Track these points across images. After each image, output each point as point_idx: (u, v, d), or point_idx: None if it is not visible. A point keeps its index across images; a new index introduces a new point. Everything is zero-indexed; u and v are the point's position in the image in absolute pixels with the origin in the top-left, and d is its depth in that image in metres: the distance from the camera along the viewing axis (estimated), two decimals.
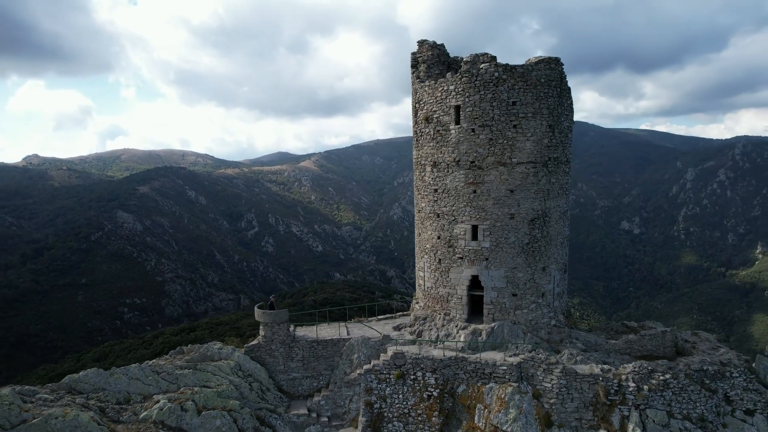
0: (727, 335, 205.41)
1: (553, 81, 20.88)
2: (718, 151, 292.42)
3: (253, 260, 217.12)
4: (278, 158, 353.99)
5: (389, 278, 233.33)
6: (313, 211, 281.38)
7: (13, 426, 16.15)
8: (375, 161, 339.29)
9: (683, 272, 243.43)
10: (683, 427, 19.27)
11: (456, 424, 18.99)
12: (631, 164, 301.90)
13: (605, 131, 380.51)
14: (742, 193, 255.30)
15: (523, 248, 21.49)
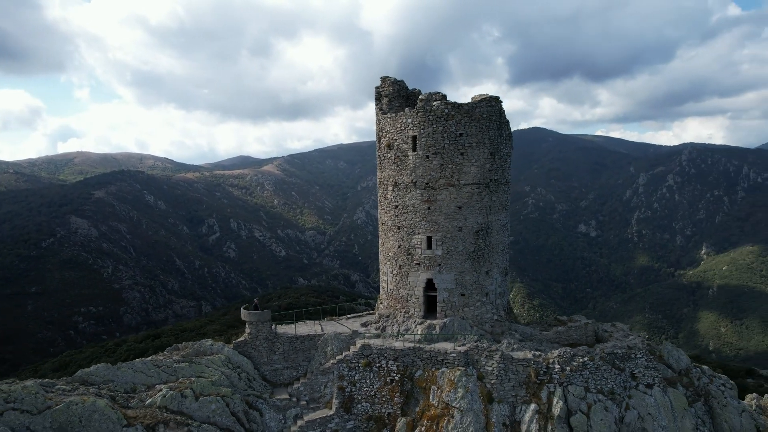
0: (676, 332, 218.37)
1: (493, 116, 25.15)
2: (666, 157, 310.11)
3: (214, 266, 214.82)
4: (240, 162, 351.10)
5: (353, 282, 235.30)
6: (276, 215, 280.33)
7: (39, 411, 19.09)
8: (339, 165, 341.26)
9: (636, 273, 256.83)
10: (597, 399, 23.87)
11: (414, 403, 22.94)
12: (587, 169, 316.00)
13: (563, 137, 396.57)
14: (688, 197, 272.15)
15: (469, 255, 25.55)
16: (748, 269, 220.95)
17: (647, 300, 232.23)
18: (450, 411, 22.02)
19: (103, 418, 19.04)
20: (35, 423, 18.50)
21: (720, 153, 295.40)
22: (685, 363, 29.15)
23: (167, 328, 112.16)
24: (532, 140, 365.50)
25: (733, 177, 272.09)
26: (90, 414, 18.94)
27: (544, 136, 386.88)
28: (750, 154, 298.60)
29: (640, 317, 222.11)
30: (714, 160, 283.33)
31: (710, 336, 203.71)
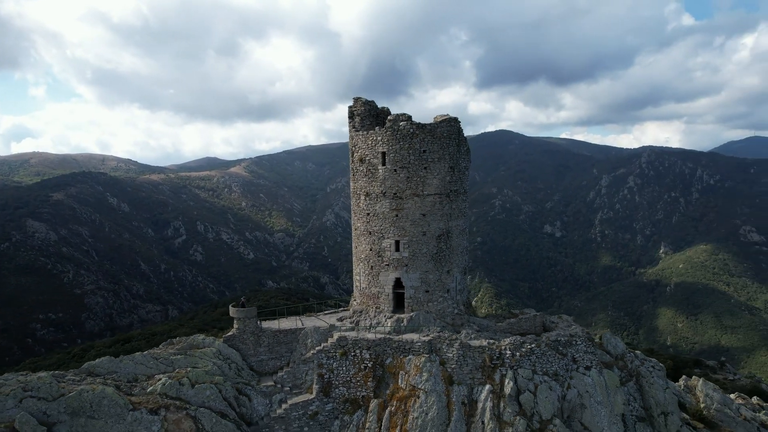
0: (637, 328, 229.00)
1: (452, 135, 28.85)
2: (627, 159, 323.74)
3: (180, 269, 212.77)
4: (207, 164, 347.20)
5: (323, 285, 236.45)
6: (244, 217, 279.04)
7: (54, 398, 21.70)
8: (307, 167, 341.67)
9: (600, 272, 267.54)
10: (542, 380, 27.85)
11: (385, 386, 26.32)
12: (552, 171, 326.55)
13: (529, 140, 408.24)
14: (647, 198, 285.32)
15: (432, 257, 29.12)
16: (702, 267, 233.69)
17: (610, 298, 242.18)
18: (416, 392, 25.56)
19: (112, 403, 21.80)
20: (51, 408, 21.16)
21: (676, 156, 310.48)
22: (621, 349, 33.70)
23: (136, 332, 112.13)
24: (499, 143, 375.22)
25: (688, 179, 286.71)
26: (99, 400, 21.69)
27: (510, 138, 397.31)
28: (703, 157, 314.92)
29: (603, 315, 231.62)
30: (671, 162, 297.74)
31: (668, 331, 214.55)
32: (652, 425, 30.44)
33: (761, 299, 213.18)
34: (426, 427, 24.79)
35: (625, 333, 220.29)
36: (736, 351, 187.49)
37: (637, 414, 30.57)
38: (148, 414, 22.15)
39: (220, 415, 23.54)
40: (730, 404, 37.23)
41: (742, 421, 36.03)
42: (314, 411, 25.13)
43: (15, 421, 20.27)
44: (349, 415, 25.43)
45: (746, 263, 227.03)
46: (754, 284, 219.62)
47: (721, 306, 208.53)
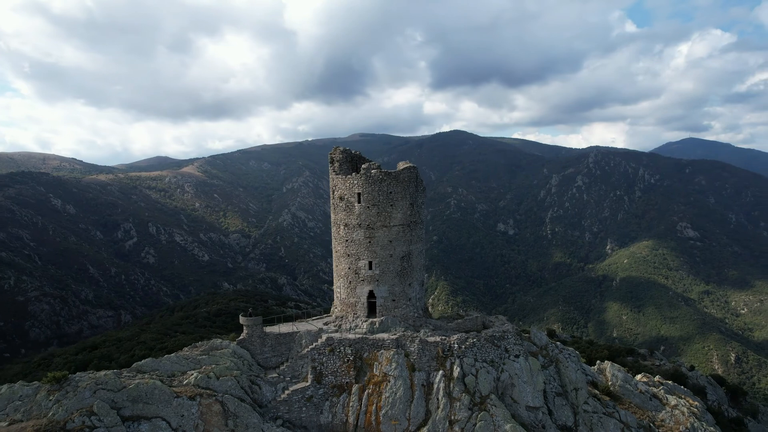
0: (586, 322, 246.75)
1: (411, 178, 37.88)
2: (576, 159, 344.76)
3: (132, 273, 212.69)
4: (158, 163, 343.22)
5: (281, 286, 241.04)
6: (198, 218, 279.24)
7: (118, 390, 29.36)
8: (263, 167, 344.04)
9: (551, 268, 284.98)
10: (482, 366, 37.42)
11: (363, 374, 35.04)
12: (505, 170, 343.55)
13: (482, 140, 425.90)
14: (595, 196, 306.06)
15: (398, 273, 38.06)
16: (644, 262, 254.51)
17: (561, 293, 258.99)
18: (387, 378, 34.52)
19: (161, 392, 29.71)
20: (117, 397, 28.93)
21: (621, 156, 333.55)
22: (545, 341, 44.09)
23: (99, 338, 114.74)
24: (453, 143, 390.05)
25: (631, 178, 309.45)
26: (152, 390, 29.58)
27: (464, 138, 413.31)
28: (645, 157, 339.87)
29: (554, 310, 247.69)
30: (616, 162, 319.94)
31: (614, 324, 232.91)
32: (566, 398, 40.94)
33: (695, 291, 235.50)
34: (396, 404, 33.97)
35: (575, 327, 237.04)
36: (675, 340, 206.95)
37: (556, 390, 40.98)
38: (188, 400, 30.16)
39: (239, 399, 31.79)
40: (631, 381, 48.56)
41: (638, 393, 47.41)
42: (310, 395, 33.65)
43: (93, 406, 28.06)
44: (336, 397, 34.16)
45: (683, 257, 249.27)
46: (689, 277, 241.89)
47: (662, 298, 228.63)
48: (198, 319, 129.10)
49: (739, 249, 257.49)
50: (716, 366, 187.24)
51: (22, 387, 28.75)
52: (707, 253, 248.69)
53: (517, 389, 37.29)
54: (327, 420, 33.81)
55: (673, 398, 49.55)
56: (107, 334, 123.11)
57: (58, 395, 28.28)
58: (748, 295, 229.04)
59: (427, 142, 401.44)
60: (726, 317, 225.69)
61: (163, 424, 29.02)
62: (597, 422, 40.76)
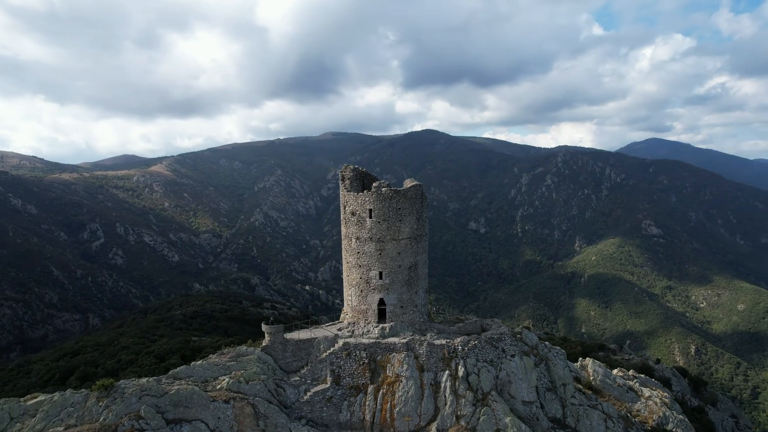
0: (556, 318, 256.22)
1: (418, 195, 41.73)
2: (545, 159, 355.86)
3: (99, 274, 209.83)
4: (125, 162, 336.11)
5: (253, 286, 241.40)
6: (168, 218, 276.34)
7: (161, 395, 32.25)
8: (234, 165, 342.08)
9: (521, 266, 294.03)
10: (483, 365, 41.66)
11: (377, 376, 38.76)
12: (476, 170, 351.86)
13: (454, 139, 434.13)
14: (563, 195, 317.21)
15: (405, 282, 41.91)
16: (611, 259, 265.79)
17: (531, 290, 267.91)
18: (400, 378, 38.35)
19: (199, 396, 32.73)
20: (160, 402, 31.85)
21: (588, 156, 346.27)
22: (535, 341, 48.76)
23: (77, 344, 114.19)
24: (425, 142, 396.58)
25: (598, 177, 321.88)
26: (191, 395, 32.59)
27: (437, 138, 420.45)
28: (611, 157, 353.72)
29: (525, 307, 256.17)
30: (584, 162, 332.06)
31: (583, 319, 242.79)
32: (555, 393, 45.69)
33: (659, 286, 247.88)
34: (408, 402, 37.87)
35: (545, 323, 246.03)
36: (640, 334, 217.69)
37: (546, 386, 45.68)
38: (223, 403, 33.27)
39: (267, 401, 35.07)
40: (610, 376, 53.87)
41: (617, 387, 52.73)
42: (330, 396, 37.14)
43: (141, 410, 30.96)
44: (354, 397, 37.75)
45: (647, 254, 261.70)
46: (653, 273, 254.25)
47: (628, 294, 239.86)
48: (174, 322, 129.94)
49: (699, 246, 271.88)
50: (678, 358, 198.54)
51: (73, 395, 31.37)
52: (669, 250, 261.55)
53: (513, 386, 41.70)
54: (346, 418, 37.46)
55: (647, 390, 55.17)
56: (84, 339, 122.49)
57: (107, 401, 31.06)
58: (707, 290, 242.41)
59: (400, 142, 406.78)
60: (687, 311, 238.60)
61: (202, 426, 32.15)
62: (583, 414, 45.68)
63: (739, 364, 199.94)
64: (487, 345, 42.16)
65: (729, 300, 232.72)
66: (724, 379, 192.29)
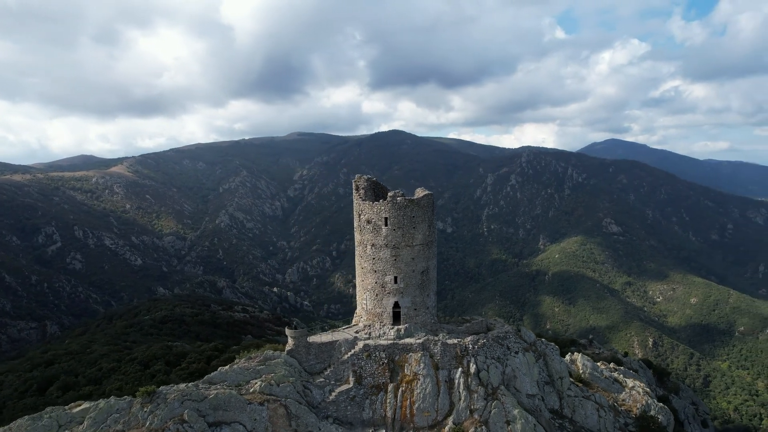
0: (521, 315, 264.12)
1: (429, 204, 44.52)
2: (509, 159, 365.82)
3: (56, 280, 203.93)
4: (82, 162, 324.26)
5: (220, 289, 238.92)
6: (129, 221, 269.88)
7: (201, 400, 33.82)
8: (197, 166, 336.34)
9: (488, 264, 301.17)
10: (491, 362, 44.89)
11: (396, 375, 41.31)
12: (442, 170, 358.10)
13: (420, 140, 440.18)
14: (528, 194, 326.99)
15: (418, 286, 44.69)
16: (574, 256, 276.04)
17: (497, 288, 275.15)
18: (417, 377, 41.15)
19: (237, 400, 34.55)
20: (201, 406, 33.50)
21: (551, 156, 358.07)
22: (533, 338, 52.52)
23: (46, 354, 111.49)
24: (392, 142, 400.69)
25: (561, 177, 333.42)
26: (229, 398, 34.38)
27: (403, 138, 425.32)
28: (573, 157, 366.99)
29: (492, 305, 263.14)
30: (546, 162, 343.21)
31: (548, 316, 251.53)
32: (553, 386, 49.55)
33: (619, 282, 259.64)
34: (426, 398, 40.74)
35: (511, 320, 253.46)
36: (602, 329, 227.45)
37: (544, 380, 49.46)
38: (258, 405, 35.18)
39: (297, 402, 37.21)
40: (597, 369, 58.31)
41: (604, 379, 57.17)
42: (353, 395, 39.52)
43: (184, 414, 32.63)
44: (375, 396, 40.26)
45: (608, 251, 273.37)
46: (613, 270, 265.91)
47: (590, 290, 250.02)
48: (144, 327, 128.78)
49: (655, 243, 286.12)
50: (637, 351, 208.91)
51: (117, 401, 32.72)
52: (629, 247, 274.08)
53: (518, 380, 45.22)
54: (368, 416, 40.02)
55: (630, 381, 59.95)
56: (54, 348, 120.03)
57: (150, 407, 32.60)
58: (663, 285, 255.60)
59: (366, 142, 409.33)
60: (645, 305, 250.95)
61: (240, 428, 34.11)
62: (578, 405, 49.75)
63: (692, 355, 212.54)
64: (494, 343, 45.55)
65: (683, 294, 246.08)
66: (678, 369, 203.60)
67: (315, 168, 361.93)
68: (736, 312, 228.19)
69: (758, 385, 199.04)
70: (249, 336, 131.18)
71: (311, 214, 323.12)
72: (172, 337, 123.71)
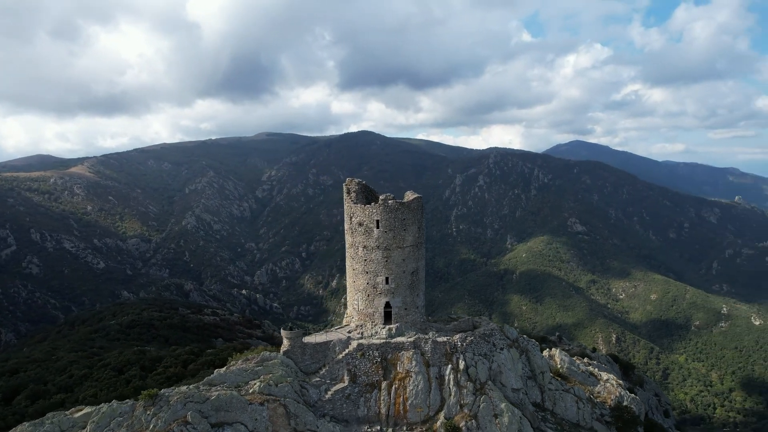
0: (490, 314, 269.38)
1: (419, 207, 46.12)
2: (477, 160, 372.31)
3: (12, 285, 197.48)
4: (39, 162, 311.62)
5: (187, 292, 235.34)
6: (91, 223, 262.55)
7: (203, 401, 34.38)
8: (163, 167, 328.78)
9: (457, 264, 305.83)
10: (479, 358, 46.84)
11: (389, 373, 42.65)
12: (412, 171, 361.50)
13: (390, 140, 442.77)
14: (495, 195, 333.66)
15: (408, 286, 46.19)
16: (540, 255, 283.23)
17: (466, 288, 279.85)
18: (409, 374, 42.63)
19: (237, 401, 35.23)
20: (203, 407, 34.07)
21: (518, 157, 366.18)
22: (515, 335, 54.76)
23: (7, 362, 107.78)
24: (362, 143, 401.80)
25: (527, 178, 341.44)
26: (230, 399, 35.04)
27: (372, 139, 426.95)
28: (539, 158, 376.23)
29: (461, 304, 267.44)
30: (513, 163, 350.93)
31: (516, 314, 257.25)
32: (535, 380, 51.89)
33: (584, 280, 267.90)
34: (418, 394, 42.30)
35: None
36: (568, 326, 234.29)
37: (527, 374, 51.74)
38: (258, 405, 35.95)
39: (295, 401, 38.20)
40: (574, 363, 61.10)
41: (580, 372, 59.99)
42: (348, 393, 40.68)
43: (188, 416, 33.19)
44: (369, 393, 41.52)
45: (573, 250, 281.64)
46: (578, 268, 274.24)
47: (556, 289, 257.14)
48: (110, 333, 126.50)
49: (618, 241, 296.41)
50: (601, 346, 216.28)
51: (120, 405, 33.02)
52: (593, 246, 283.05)
53: (504, 375, 47.29)
54: (363, 413, 41.31)
55: (605, 374, 63.02)
56: (16, 356, 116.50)
57: (154, 410, 33.06)
58: (626, 282, 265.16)
59: (336, 143, 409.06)
60: (608, 303, 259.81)
61: (242, 428, 34.88)
62: (559, 398, 52.25)
63: (653, 349, 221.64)
64: (481, 340, 47.49)
65: (644, 291, 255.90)
66: (639, 363, 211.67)
67: (284, 169, 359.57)
68: (692, 307, 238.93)
69: (712, 376, 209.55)
70: (220, 339, 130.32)
71: (280, 215, 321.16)
72: (141, 341, 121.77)
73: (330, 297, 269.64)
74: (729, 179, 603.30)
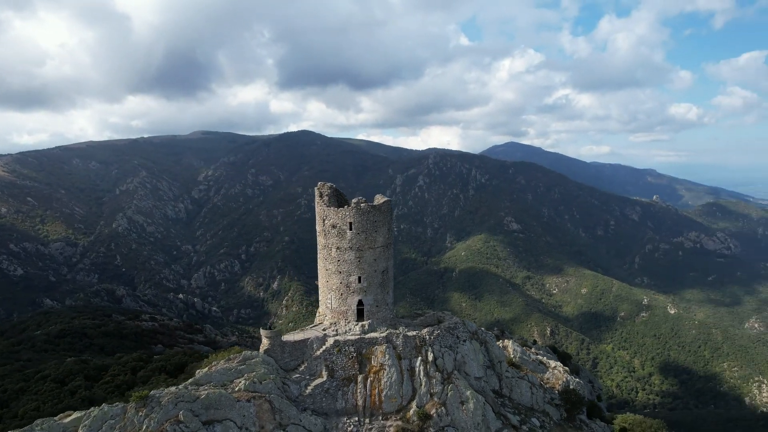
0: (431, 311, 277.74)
1: (389, 209, 48.94)
2: (417, 160, 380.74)
3: None
4: None
5: (119, 297, 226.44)
6: (6, 226, 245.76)
7: (194, 400, 35.57)
8: (90, 166, 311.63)
9: (398, 263, 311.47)
10: (445, 350, 50.40)
11: (364, 367, 45.19)
12: (353, 171, 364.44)
13: (330, 140, 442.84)
14: (435, 195, 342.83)
15: (379, 285, 48.99)
16: (479, 253, 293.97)
17: (408, 286, 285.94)
18: (383, 367, 45.46)
19: (226, 399, 36.64)
20: (194, 406, 35.29)
21: (456, 158, 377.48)
22: (474, 327, 58.94)
23: None
24: (302, 143, 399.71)
25: (465, 178, 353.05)
26: (219, 398, 36.42)
27: (313, 139, 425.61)
28: (476, 159, 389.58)
29: (403, 302, 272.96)
30: (452, 163, 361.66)
31: (456, 311, 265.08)
32: (494, 369, 56.24)
33: (520, 277, 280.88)
34: (392, 386, 45.25)
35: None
36: (506, 322, 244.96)
37: (487, 364, 56.00)
38: (246, 402, 37.51)
39: (279, 397, 40.06)
40: (525, 353, 66.20)
41: (531, 361, 65.14)
42: (327, 387, 42.91)
43: (179, 415, 34.40)
44: (346, 387, 43.92)
45: (509, 248, 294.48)
46: (514, 265, 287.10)
47: (494, 286, 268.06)
48: (37, 343, 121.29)
49: (551, 239, 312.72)
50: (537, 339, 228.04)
51: (111, 408, 33.70)
52: (528, 244, 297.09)
53: (467, 365, 51.22)
54: (342, 406, 43.78)
55: (552, 362, 68.65)
56: None
57: (145, 411, 34.09)
58: (558, 278, 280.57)
59: (275, 142, 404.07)
60: (543, 297, 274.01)
61: (231, 425, 36.48)
62: (515, 384, 56.88)
63: (584, 341, 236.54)
64: (446, 333, 51.18)
65: (575, 285, 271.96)
66: (573, 353, 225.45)
67: (221, 168, 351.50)
68: (618, 299, 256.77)
69: (635, 363, 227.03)
70: (160, 345, 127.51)
71: (218, 216, 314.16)
72: (73, 352, 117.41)
73: (271, 299, 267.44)
74: (648, 180, 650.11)
